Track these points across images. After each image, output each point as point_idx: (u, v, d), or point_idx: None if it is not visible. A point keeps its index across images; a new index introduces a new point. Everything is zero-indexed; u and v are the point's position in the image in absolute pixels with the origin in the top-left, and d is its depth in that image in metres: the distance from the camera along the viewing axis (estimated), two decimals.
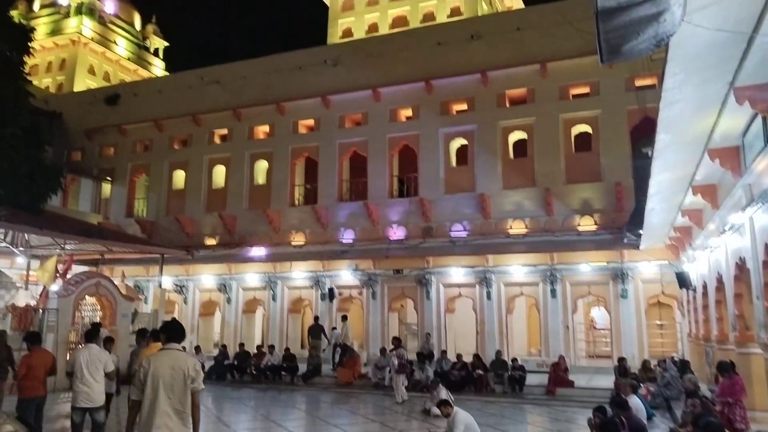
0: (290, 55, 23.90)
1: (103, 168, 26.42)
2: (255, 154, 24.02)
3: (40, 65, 38.04)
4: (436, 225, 20.32)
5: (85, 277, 15.04)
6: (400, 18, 33.01)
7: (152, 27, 45.14)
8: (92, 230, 17.67)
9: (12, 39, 16.95)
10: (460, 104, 21.20)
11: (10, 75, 16.54)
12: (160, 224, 24.59)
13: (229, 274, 22.74)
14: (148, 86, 28.04)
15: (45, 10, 41.08)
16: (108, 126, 26.28)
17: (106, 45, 40.80)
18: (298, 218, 22.62)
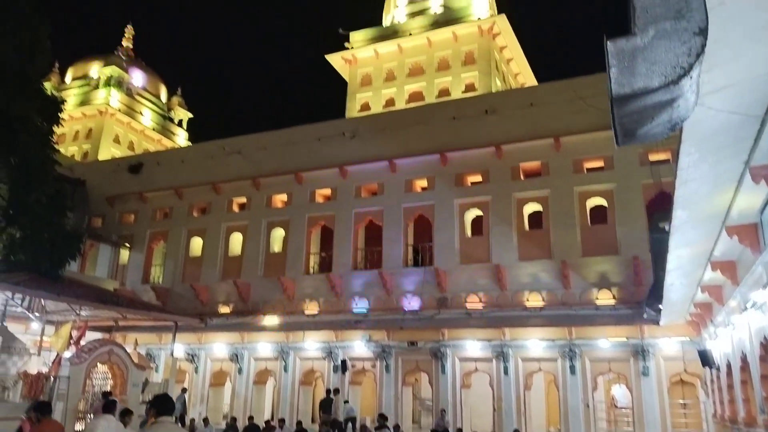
0: (309, 128, 24.58)
1: (122, 234, 26.82)
2: (272, 222, 24.31)
3: (67, 134, 39.42)
4: (451, 295, 20.15)
5: (98, 344, 14.96)
6: (416, 93, 34.03)
7: (177, 99, 46.88)
8: (107, 297, 17.71)
9: (44, 110, 17.63)
10: (474, 176, 21.48)
11: (40, 144, 17.12)
12: (175, 291, 24.64)
13: (242, 344, 22.49)
14: (171, 155, 28.85)
15: (76, 82, 43.00)
16: (130, 193, 26.89)
17: (132, 115, 42.33)
18: (312, 287, 22.57)
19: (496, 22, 34.28)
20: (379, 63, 35.78)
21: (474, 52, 34.15)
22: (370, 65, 36.05)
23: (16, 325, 18.93)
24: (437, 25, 35.09)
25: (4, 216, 15.95)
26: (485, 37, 34.18)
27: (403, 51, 35.21)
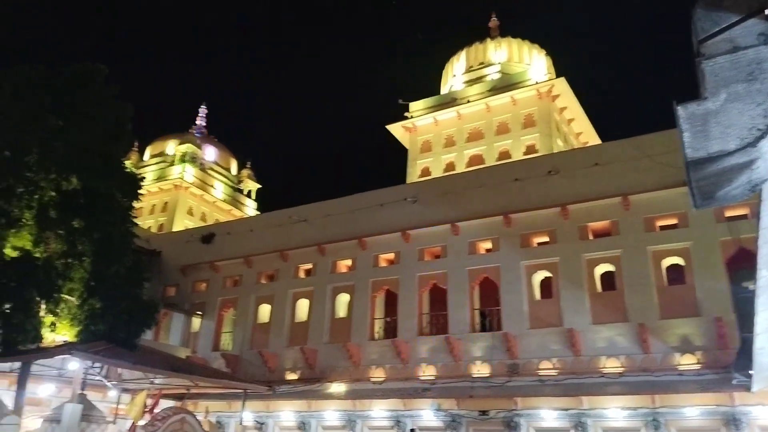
0: (372, 194, 25.03)
1: (194, 303, 27.66)
2: (337, 287, 24.51)
3: (145, 208, 41.71)
4: (522, 362, 19.43)
5: (171, 412, 15.24)
6: (476, 157, 34.28)
7: (247, 171, 49.05)
8: (180, 365, 18.14)
9: (124, 187, 18.83)
10: (541, 237, 21.09)
11: (121, 219, 18.20)
12: (244, 358, 24.95)
13: (309, 411, 22.30)
14: (241, 225, 29.90)
15: (154, 159, 45.85)
16: (202, 263, 27.88)
17: (205, 188, 44.47)
18: (377, 352, 22.35)
19: (554, 85, 34.51)
20: (439, 130, 36.45)
21: (533, 115, 34.32)
22: (430, 132, 36.77)
23: (95, 393, 19.58)
24: (495, 91, 35.64)
25: (86, 288, 16.80)
26: (544, 99, 34.36)
27: (462, 117, 35.80)
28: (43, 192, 16.83)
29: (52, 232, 16.72)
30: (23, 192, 16.64)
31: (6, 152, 16.85)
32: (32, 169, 16.82)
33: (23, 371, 15.92)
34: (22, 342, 15.53)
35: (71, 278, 16.61)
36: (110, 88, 18.32)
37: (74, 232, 16.70)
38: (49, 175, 16.89)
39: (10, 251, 16.09)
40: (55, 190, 16.93)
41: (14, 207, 16.46)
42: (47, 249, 16.71)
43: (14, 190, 16.56)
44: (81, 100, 17.48)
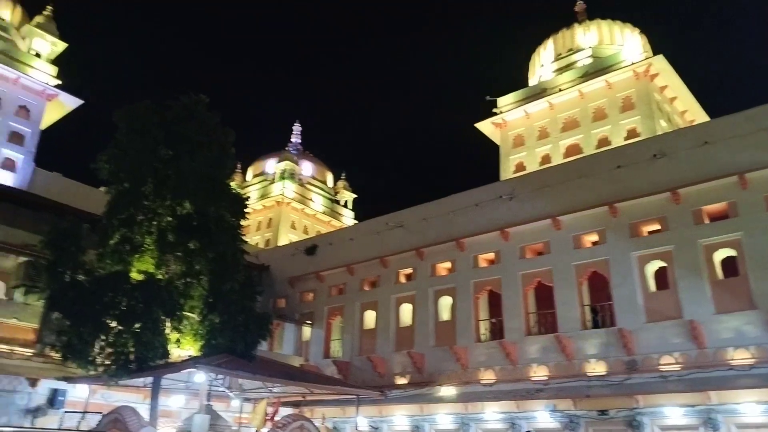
0: (466, 194, 24.84)
1: (303, 313, 28.72)
2: (439, 290, 24.51)
3: (251, 225, 43.86)
4: (640, 358, 18.46)
5: (291, 419, 15.84)
6: (573, 147, 33.09)
7: (342, 183, 50.33)
8: (296, 373, 18.86)
9: (232, 207, 19.87)
10: (651, 224, 19.97)
11: (231, 238, 19.21)
12: (354, 364, 25.53)
13: (421, 415, 22.42)
14: (341, 235, 30.69)
15: (256, 179, 48.16)
16: (308, 274, 28.90)
17: (304, 202, 46.07)
18: (485, 354, 22.08)
19: (652, 63, 32.65)
20: (530, 122, 35.55)
21: (632, 97, 32.66)
22: (521, 126, 35.95)
23: (219, 403, 20.74)
24: (588, 76, 34.27)
25: (206, 304, 17.87)
26: (642, 80, 32.59)
27: (554, 107, 34.70)
28: (161, 218, 18.11)
29: (171, 254, 17.93)
30: (143, 219, 18.00)
31: (125, 184, 18.31)
32: (149, 197, 18.16)
33: (155, 385, 17.19)
34: (152, 358, 16.74)
35: (191, 296, 17.74)
36: (213, 116, 19.45)
37: (191, 253, 17.83)
38: (164, 202, 18.16)
39: (136, 275, 17.44)
40: (171, 216, 18.16)
41: (136, 234, 17.84)
42: (168, 271, 17.95)
43: (135, 218, 17.95)
44: (188, 130, 18.68)
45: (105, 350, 16.24)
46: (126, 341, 16.26)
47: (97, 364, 16.36)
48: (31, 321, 19.61)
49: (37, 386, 18.74)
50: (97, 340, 16.26)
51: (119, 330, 16.32)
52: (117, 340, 16.25)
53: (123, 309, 16.37)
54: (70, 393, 18.89)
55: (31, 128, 30.40)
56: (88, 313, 16.13)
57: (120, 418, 15.21)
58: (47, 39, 32.74)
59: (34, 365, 19.17)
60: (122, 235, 17.64)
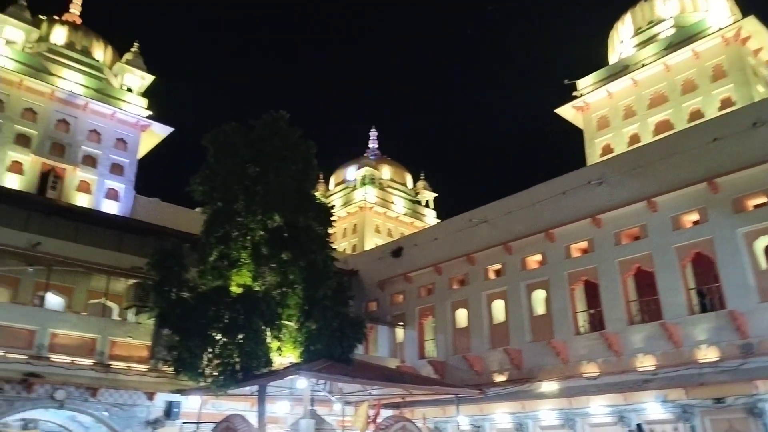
0: (551, 183, 24.16)
1: (395, 315, 28.96)
2: (530, 284, 23.98)
3: (338, 232, 44.77)
4: (756, 341, 17.20)
5: (392, 421, 16.04)
6: (662, 123, 31.42)
7: (422, 183, 50.38)
8: (393, 375, 19.05)
9: (318, 216, 20.41)
10: (757, 198, 18.59)
11: (321, 246, 19.72)
12: (450, 364, 25.44)
13: (523, 412, 22.00)
14: (425, 235, 30.70)
15: (338, 187, 49.15)
16: (395, 276, 29.13)
17: (386, 206, 46.48)
18: (586, 347, 21.35)
19: (742, 26, 30.44)
20: (614, 102, 34.09)
21: (722, 65, 30.62)
22: (604, 107, 34.55)
23: (322, 407, 21.30)
24: (672, 48, 32.43)
25: (302, 312, 18.44)
26: (733, 45, 30.46)
27: (638, 84, 33.12)
28: (254, 233, 18.90)
29: (266, 266, 18.67)
30: (238, 235, 18.87)
31: (219, 203, 19.25)
32: (241, 214, 19.02)
33: (261, 393, 17.92)
34: (256, 367, 17.47)
35: (288, 305, 18.37)
36: (294, 131, 20.09)
37: (284, 264, 18.48)
38: (256, 217, 18.95)
39: (235, 288, 18.28)
40: (263, 229, 18.92)
41: (233, 250, 18.72)
42: (264, 282, 18.69)
43: (230, 235, 18.84)
44: (272, 147, 19.41)
45: (213, 362, 17.13)
46: (231, 352, 17.07)
47: (206, 376, 17.28)
48: (144, 338, 20.98)
49: (154, 399, 20.04)
50: (204, 353, 17.19)
51: (224, 342, 17.17)
52: (223, 352, 17.10)
53: (226, 321, 17.20)
54: (183, 404, 20.06)
55: (129, 159, 32.55)
56: (195, 328, 17.08)
57: (231, 426, 15.97)
58: (136, 74, 34.98)
59: (150, 380, 20.52)
60: (220, 251, 18.58)
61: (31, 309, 20.77)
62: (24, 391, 17.71)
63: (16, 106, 29.66)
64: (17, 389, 17.65)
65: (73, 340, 19.98)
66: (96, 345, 20.28)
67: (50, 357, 19.06)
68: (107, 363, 20.10)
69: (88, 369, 19.54)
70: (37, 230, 22.54)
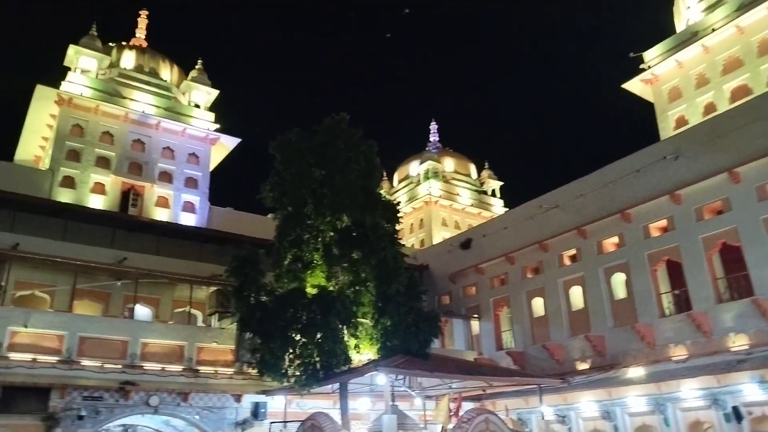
0: (624, 161, 23.29)
1: (469, 307, 28.77)
2: (609, 268, 23.22)
3: (405, 228, 44.89)
4: None
5: (474, 414, 15.91)
6: (740, 89, 29.59)
7: (487, 172, 49.67)
8: (472, 368, 18.95)
9: (385, 214, 20.55)
10: None
11: (389, 243, 19.86)
12: (530, 354, 25.02)
13: (610, 399, 21.33)
14: (494, 225, 30.30)
15: (402, 183, 49.23)
16: (467, 268, 28.92)
17: (452, 198, 46.17)
18: (672, 329, 20.47)
19: None
20: (684, 72, 32.42)
21: None
22: (675, 77, 32.91)
23: (403, 403, 21.44)
24: (744, 8, 30.46)
25: (376, 309, 18.63)
26: None
27: (709, 50, 31.35)
28: (324, 234, 19.28)
29: (338, 266, 19.00)
30: (309, 238, 19.30)
31: (289, 208, 19.75)
32: (311, 217, 19.44)
33: (342, 390, 18.27)
34: (336, 365, 17.83)
35: (362, 303, 18.61)
36: (355, 131, 20.33)
37: (355, 263, 18.73)
38: (325, 219, 19.32)
39: (311, 289, 18.71)
40: (333, 230, 19.26)
41: (305, 252, 19.17)
42: (338, 282, 19.03)
43: (302, 238, 19.30)
44: (336, 149, 19.74)
45: (294, 362, 17.62)
46: (311, 352, 17.49)
47: (289, 376, 17.80)
48: (228, 343, 21.82)
49: (241, 401, 20.82)
50: (286, 354, 17.71)
51: (304, 342, 17.62)
52: (303, 352, 17.55)
53: (304, 322, 17.65)
54: (269, 404, 20.74)
55: (202, 172, 33.88)
56: (275, 330, 17.62)
57: (317, 423, 16.33)
58: (202, 89, 36.37)
59: (236, 382, 21.35)
60: (293, 255, 19.08)
61: (122, 321, 22.05)
62: (122, 399, 18.83)
63: (94, 131, 31.45)
64: (115, 397, 18.79)
65: (162, 348, 21.07)
66: (184, 351, 21.29)
67: (143, 365, 20.19)
68: (195, 368, 21.07)
69: (178, 375, 20.55)
70: (122, 246, 23.87)
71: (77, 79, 32.17)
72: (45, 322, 19.60)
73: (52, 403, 17.56)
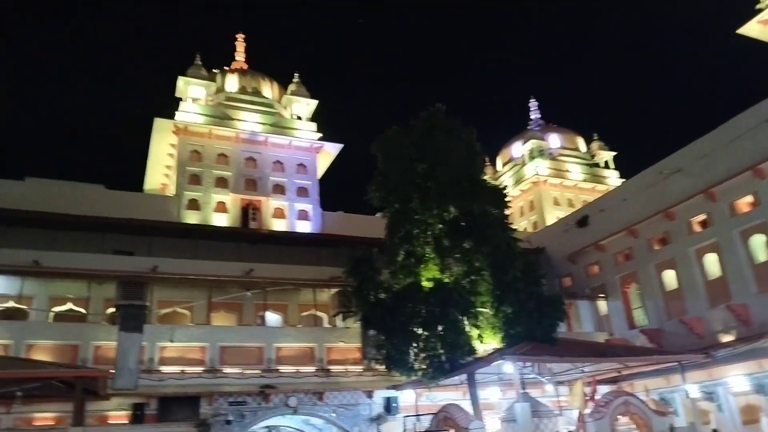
0: (750, 112, 21.32)
1: (593, 287, 27.59)
2: (745, 230, 21.34)
3: (515, 212, 43.87)
4: None
5: (612, 396, 15.32)
6: None
7: (596, 144, 47.29)
8: (604, 349, 18.20)
9: (492, 200, 20.23)
10: None
11: (500, 229, 19.54)
12: (666, 330, 23.57)
13: (762, 372, 19.53)
14: (611, 198, 28.82)
15: (506, 167, 48.12)
16: (586, 247, 27.76)
17: (561, 176, 44.46)
18: None
19: None
20: None
21: None
22: None
23: (533, 390, 21.01)
24: None
25: (494, 297, 18.41)
26: None
27: None
28: (433, 227, 19.35)
29: (451, 257, 19.01)
30: (418, 233, 19.45)
31: (396, 205, 20.01)
32: (417, 212, 19.58)
33: (470, 381, 18.24)
34: (460, 356, 17.84)
35: (479, 292, 18.48)
36: (452, 121, 20.21)
37: (467, 253, 18.64)
38: (432, 212, 19.38)
39: (426, 283, 18.85)
40: (441, 223, 19.28)
41: (417, 247, 19.34)
42: (452, 273, 19.03)
43: (412, 233, 19.49)
44: (435, 141, 19.73)
45: (419, 356, 17.85)
46: (434, 345, 17.65)
47: (415, 370, 18.06)
48: (354, 341, 22.51)
49: (373, 397, 21.39)
50: (410, 348, 17.99)
51: (426, 336, 17.80)
52: (426, 345, 17.75)
53: (424, 316, 17.84)
54: (400, 399, 21.15)
55: (311, 180, 35.26)
56: (397, 325, 17.96)
57: (449, 415, 16.46)
58: (302, 101, 37.78)
59: (365, 379, 21.98)
60: (405, 250, 19.33)
61: (256, 328, 23.45)
62: (263, 402, 20.02)
63: (210, 154, 33.67)
64: (257, 400, 20.01)
65: (294, 351, 22.20)
66: (315, 353, 22.32)
67: (278, 369, 21.36)
68: (327, 368, 21.97)
69: (311, 375, 21.55)
70: (248, 258, 25.35)
71: (189, 108, 34.57)
72: (188, 335, 21.30)
73: (202, 410, 19.02)
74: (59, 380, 15.12)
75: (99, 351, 19.82)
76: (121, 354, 18.41)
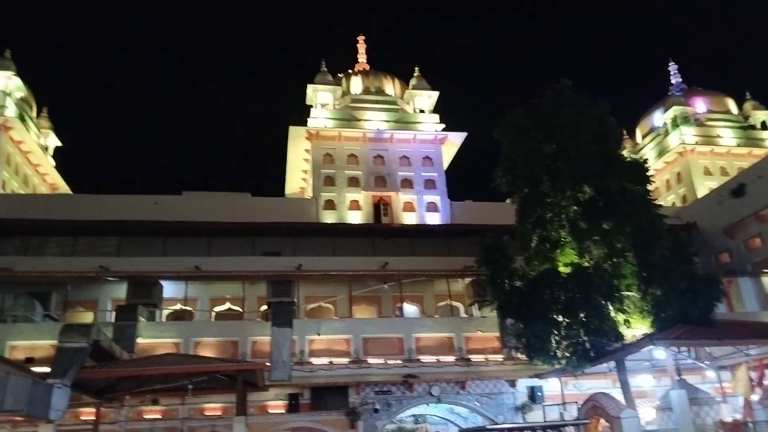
0: None
1: (756, 262, 25.04)
2: None
3: (660, 187, 40.82)
4: None
5: None
6: None
7: (750, 104, 42.59)
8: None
9: (632, 176, 19.03)
10: None
11: (642, 206, 18.34)
12: None
13: None
14: None
15: (647, 138, 44.87)
16: (745, 218, 25.31)
17: (711, 142, 40.64)
18: None
19: None
20: None
21: None
22: None
23: (692, 376, 19.51)
24: None
25: (640, 279, 17.34)
26: None
27: None
28: (567, 210, 18.63)
29: (589, 240, 18.17)
30: (552, 216, 18.84)
31: (525, 190, 19.52)
32: (549, 194, 18.94)
33: (619, 368, 17.36)
34: (606, 343, 17.02)
35: (623, 275, 17.53)
36: (580, 96, 19.30)
37: (607, 234, 17.73)
38: (565, 194, 18.67)
39: (564, 268, 18.20)
40: (576, 204, 18.51)
41: (551, 231, 18.75)
42: (591, 257, 18.20)
43: (544, 217, 18.92)
44: (562, 119, 18.95)
45: (561, 344, 17.31)
46: (577, 332, 17.01)
47: (559, 358, 17.54)
48: (492, 330, 22.37)
49: (516, 386, 21.11)
50: (551, 336, 17.48)
51: (567, 323, 17.20)
52: (569, 333, 17.16)
53: (563, 302, 17.25)
54: (545, 388, 20.66)
55: (437, 172, 35.47)
56: (534, 313, 17.55)
57: (598, 404, 15.79)
58: (423, 94, 38.07)
59: (507, 368, 21.74)
60: (539, 236, 18.84)
61: (395, 320, 24.15)
62: (407, 391, 20.56)
63: (341, 156, 35.10)
64: (401, 390, 20.59)
65: (433, 341, 22.54)
66: (453, 342, 22.49)
67: (419, 358, 21.80)
68: (467, 357, 22.04)
69: (452, 365, 21.73)
70: (382, 252, 26.14)
71: (319, 113, 36.28)
72: (333, 328, 22.46)
73: (351, 399, 19.95)
74: (223, 374, 16.64)
75: (255, 346, 21.51)
76: (275, 348, 19.84)
